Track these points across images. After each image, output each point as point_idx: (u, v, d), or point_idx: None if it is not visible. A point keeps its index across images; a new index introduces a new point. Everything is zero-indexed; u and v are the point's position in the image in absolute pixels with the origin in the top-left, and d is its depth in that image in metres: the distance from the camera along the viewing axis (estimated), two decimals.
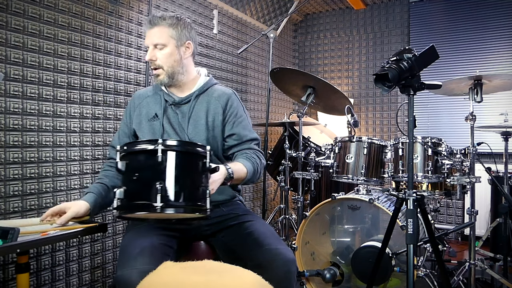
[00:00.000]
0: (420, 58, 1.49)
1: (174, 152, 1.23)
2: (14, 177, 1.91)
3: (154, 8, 2.71)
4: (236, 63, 3.65)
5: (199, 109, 1.68)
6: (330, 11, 4.65)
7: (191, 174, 1.26)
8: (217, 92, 1.73)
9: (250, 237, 1.52)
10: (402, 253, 2.05)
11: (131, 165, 1.24)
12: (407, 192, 1.54)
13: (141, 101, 1.73)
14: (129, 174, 1.23)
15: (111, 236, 2.42)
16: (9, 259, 1.88)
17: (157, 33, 1.61)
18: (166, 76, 1.64)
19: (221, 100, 1.70)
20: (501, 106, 3.56)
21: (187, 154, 1.27)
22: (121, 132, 1.75)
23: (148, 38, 1.63)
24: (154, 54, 1.62)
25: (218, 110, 1.69)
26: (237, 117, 1.71)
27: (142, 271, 1.24)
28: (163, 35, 1.61)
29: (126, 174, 1.24)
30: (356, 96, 4.48)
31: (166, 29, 1.62)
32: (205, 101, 1.70)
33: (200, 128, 1.66)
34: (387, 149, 2.43)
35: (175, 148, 1.24)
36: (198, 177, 1.27)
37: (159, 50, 1.61)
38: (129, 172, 1.23)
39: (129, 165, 1.24)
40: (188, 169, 1.26)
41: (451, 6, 3.98)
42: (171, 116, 1.68)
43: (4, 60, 1.86)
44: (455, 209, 3.92)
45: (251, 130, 1.75)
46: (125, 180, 1.24)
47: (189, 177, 1.26)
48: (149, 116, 1.69)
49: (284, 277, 1.40)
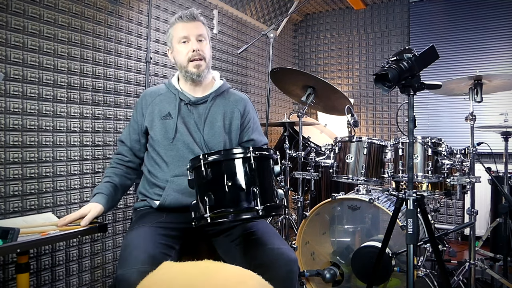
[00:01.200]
0: (420, 58, 1.49)
1: (263, 159, 1.34)
2: (14, 177, 1.91)
3: (154, 8, 2.71)
4: (236, 63, 3.65)
5: (215, 111, 1.69)
6: (330, 11, 4.65)
7: (271, 177, 1.38)
8: (233, 96, 1.77)
9: (252, 236, 1.53)
10: (402, 253, 2.05)
11: (221, 171, 1.29)
12: (407, 192, 1.54)
13: (154, 98, 1.72)
14: (218, 182, 1.29)
15: (111, 236, 2.42)
16: (9, 259, 1.88)
17: (199, 27, 1.68)
18: (206, 68, 1.68)
19: (239, 105, 1.74)
20: (501, 106, 3.56)
21: (269, 160, 1.38)
22: (131, 129, 1.75)
23: (191, 30, 1.65)
24: (198, 45, 1.65)
25: (235, 114, 1.72)
26: (254, 122, 1.78)
27: (143, 271, 1.24)
28: (204, 29, 1.69)
29: (215, 181, 1.29)
30: (356, 96, 4.48)
31: (203, 26, 1.71)
32: (222, 104, 1.72)
33: (217, 130, 1.67)
34: (387, 149, 2.43)
35: (262, 154, 1.33)
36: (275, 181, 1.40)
37: (201, 42, 1.67)
38: (219, 179, 1.29)
39: (218, 173, 1.29)
40: (269, 173, 1.37)
41: (451, 6, 3.98)
42: (186, 115, 1.67)
43: (4, 60, 1.86)
44: (455, 209, 3.92)
45: (263, 135, 1.84)
46: (214, 187, 1.29)
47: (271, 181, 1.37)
48: (161, 114, 1.68)
49: (286, 276, 1.40)
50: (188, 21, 1.66)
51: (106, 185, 1.64)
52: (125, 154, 1.74)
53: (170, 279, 1.18)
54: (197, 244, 1.66)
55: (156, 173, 1.65)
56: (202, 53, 1.65)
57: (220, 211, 1.25)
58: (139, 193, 1.71)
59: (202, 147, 1.64)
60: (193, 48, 1.63)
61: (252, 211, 1.24)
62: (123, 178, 1.71)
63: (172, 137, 1.63)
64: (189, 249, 1.62)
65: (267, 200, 1.27)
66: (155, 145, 1.66)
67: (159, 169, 1.65)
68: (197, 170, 1.32)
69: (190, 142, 1.64)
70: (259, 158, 1.30)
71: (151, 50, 2.64)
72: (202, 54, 1.65)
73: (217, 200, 1.26)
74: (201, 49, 1.65)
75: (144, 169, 1.73)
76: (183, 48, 1.65)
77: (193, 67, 1.65)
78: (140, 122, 1.72)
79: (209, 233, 1.65)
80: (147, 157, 1.72)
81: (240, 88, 3.69)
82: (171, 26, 1.70)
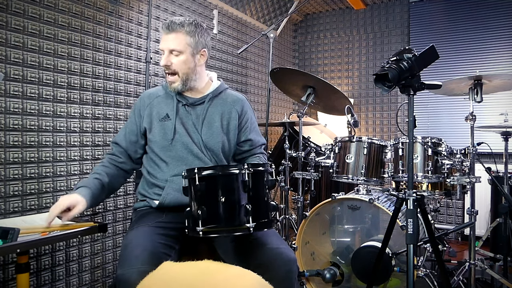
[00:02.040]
0: (420, 58, 1.49)
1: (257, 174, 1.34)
2: (14, 177, 1.91)
3: (154, 8, 2.71)
4: (236, 63, 3.65)
5: (213, 112, 1.70)
6: (330, 11, 4.65)
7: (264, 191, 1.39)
8: (231, 96, 1.76)
9: (252, 236, 1.52)
10: (402, 253, 2.05)
11: (216, 187, 1.31)
12: (407, 192, 1.54)
13: (152, 100, 1.72)
14: (212, 196, 1.30)
15: (111, 236, 2.42)
16: (9, 259, 1.88)
17: (175, 40, 1.59)
18: (180, 83, 1.64)
19: (236, 106, 1.74)
20: (501, 106, 3.56)
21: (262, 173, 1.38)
22: (128, 131, 1.72)
23: (164, 43, 1.61)
24: (170, 60, 1.61)
25: (233, 114, 1.72)
26: (251, 123, 1.78)
27: (143, 271, 1.24)
28: (180, 42, 1.60)
29: (208, 196, 1.31)
30: (356, 96, 4.48)
31: (184, 36, 1.60)
32: (219, 104, 1.72)
33: (215, 131, 1.67)
34: (387, 149, 2.43)
35: (256, 170, 1.33)
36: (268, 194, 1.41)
37: (174, 56, 1.61)
38: (213, 194, 1.30)
39: (213, 188, 1.31)
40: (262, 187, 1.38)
41: (451, 6, 3.98)
42: (184, 117, 1.67)
43: (4, 60, 1.86)
44: (455, 209, 3.92)
45: (261, 135, 1.84)
46: (207, 201, 1.31)
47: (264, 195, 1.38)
48: (160, 116, 1.68)
49: (285, 276, 1.40)
50: (165, 33, 1.61)
51: (94, 182, 1.58)
52: (119, 155, 1.71)
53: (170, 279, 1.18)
54: (197, 244, 1.66)
55: (156, 174, 1.65)
56: (174, 68, 1.61)
57: (212, 227, 1.29)
58: (139, 194, 1.71)
59: (201, 147, 1.65)
60: (161, 64, 1.63)
61: (244, 229, 1.28)
62: (113, 179, 1.65)
63: (171, 139, 1.64)
64: (189, 249, 1.62)
65: (259, 216, 1.31)
66: (154, 146, 1.66)
67: (159, 169, 1.65)
68: (192, 181, 1.33)
69: (189, 143, 1.64)
70: (253, 174, 1.32)
71: (151, 50, 2.65)
72: (173, 69, 1.62)
73: (209, 214, 1.29)
74: (173, 64, 1.61)
75: (143, 171, 1.73)
76: (161, 59, 1.65)
77: (168, 82, 1.66)
78: (139, 123, 1.71)
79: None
80: (146, 159, 1.72)
81: (240, 88, 3.69)
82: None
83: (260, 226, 1.30)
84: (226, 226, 1.29)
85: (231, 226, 1.29)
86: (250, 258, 1.46)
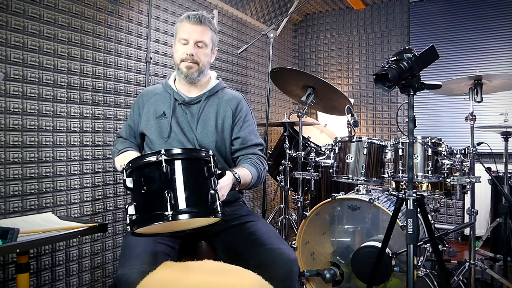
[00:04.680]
0: (420, 58, 1.49)
1: (180, 161, 1.23)
2: (14, 177, 1.91)
3: (154, 8, 2.71)
4: (236, 63, 3.65)
5: (208, 111, 1.70)
6: (330, 11, 4.65)
7: (198, 180, 1.26)
8: (227, 95, 1.76)
9: (252, 236, 1.53)
10: (402, 253, 2.05)
11: (138, 180, 1.23)
12: (407, 192, 1.54)
13: (150, 98, 1.75)
14: (138, 189, 1.23)
15: (111, 236, 2.42)
16: (9, 259, 1.88)
17: (203, 32, 1.66)
18: (197, 71, 1.67)
19: (231, 104, 1.73)
20: (501, 106, 3.56)
21: (191, 161, 1.27)
22: (127, 126, 1.79)
23: (192, 34, 1.64)
24: (195, 51, 1.65)
25: (228, 113, 1.71)
26: (244, 121, 1.74)
27: (143, 271, 1.24)
28: (207, 36, 1.67)
29: (135, 190, 1.23)
30: (356, 96, 4.48)
31: (210, 31, 1.69)
32: (215, 103, 1.72)
33: (209, 130, 1.68)
34: (387, 149, 2.43)
35: (179, 156, 1.24)
36: (205, 182, 1.26)
37: (199, 47, 1.66)
38: (138, 187, 1.23)
39: (136, 181, 1.23)
40: (194, 175, 1.25)
41: (451, 6, 3.97)
42: (180, 116, 1.69)
43: (4, 60, 1.86)
44: (455, 209, 3.92)
45: (257, 135, 1.78)
46: (135, 195, 1.24)
47: (197, 183, 1.25)
48: (157, 114, 1.70)
49: (285, 276, 1.40)
50: (193, 24, 1.65)
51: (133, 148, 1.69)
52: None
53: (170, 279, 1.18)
54: (197, 244, 1.66)
55: None
56: (196, 59, 1.65)
57: (135, 219, 1.20)
58: None
59: (196, 146, 1.65)
60: (187, 52, 1.64)
61: (162, 217, 1.16)
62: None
63: (166, 137, 1.65)
64: (189, 249, 1.62)
65: (183, 204, 1.19)
66: (151, 144, 1.69)
67: None
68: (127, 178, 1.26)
69: (184, 142, 1.65)
70: (172, 160, 1.22)
71: (151, 50, 2.65)
72: (196, 60, 1.65)
73: (137, 208, 1.20)
74: (196, 55, 1.64)
75: None
76: (181, 48, 1.66)
77: (184, 67, 1.66)
78: (137, 122, 1.75)
79: (208, 233, 1.65)
80: None
81: (240, 88, 3.69)
82: (179, 22, 1.70)
83: (179, 213, 1.17)
84: (146, 215, 1.19)
85: (150, 213, 1.19)
86: (250, 258, 1.46)
